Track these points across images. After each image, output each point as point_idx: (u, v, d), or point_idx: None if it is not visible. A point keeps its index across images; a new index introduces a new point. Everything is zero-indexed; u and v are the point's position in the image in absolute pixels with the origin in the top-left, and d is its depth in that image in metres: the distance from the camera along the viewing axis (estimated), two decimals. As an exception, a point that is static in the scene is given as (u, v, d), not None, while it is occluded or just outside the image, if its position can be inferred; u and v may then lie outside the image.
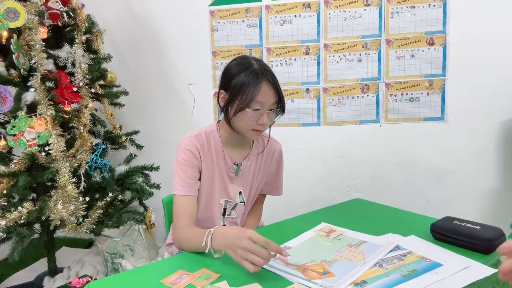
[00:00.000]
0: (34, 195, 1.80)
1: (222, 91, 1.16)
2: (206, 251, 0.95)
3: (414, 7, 2.13)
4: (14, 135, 1.63)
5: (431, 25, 2.14)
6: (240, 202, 1.29)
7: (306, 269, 0.88)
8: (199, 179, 1.20)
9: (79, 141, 1.81)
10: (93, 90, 1.94)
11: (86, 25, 1.90)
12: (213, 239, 0.94)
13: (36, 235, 1.85)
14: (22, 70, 1.66)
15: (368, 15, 2.18)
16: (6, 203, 1.69)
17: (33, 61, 1.67)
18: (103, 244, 2.10)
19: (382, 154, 2.28)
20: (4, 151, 1.70)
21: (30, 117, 1.65)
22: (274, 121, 1.18)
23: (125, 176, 2.00)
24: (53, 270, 2.06)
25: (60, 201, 1.67)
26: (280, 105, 1.15)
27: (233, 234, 0.90)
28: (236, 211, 1.30)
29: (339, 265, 0.89)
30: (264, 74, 1.10)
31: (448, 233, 1.01)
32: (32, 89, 1.66)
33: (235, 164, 1.25)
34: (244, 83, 1.09)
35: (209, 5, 2.32)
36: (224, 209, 1.27)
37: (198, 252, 1.00)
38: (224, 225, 1.28)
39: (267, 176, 1.38)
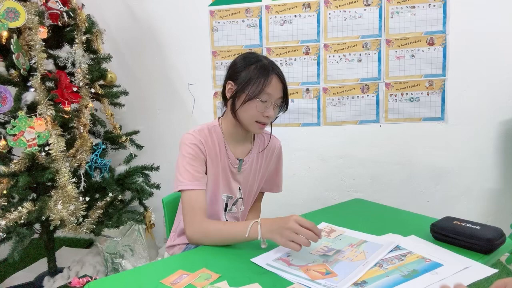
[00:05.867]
0: (34, 195, 1.80)
1: (230, 81, 1.17)
2: (259, 237, 0.98)
3: (414, 7, 2.13)
4: (14, 135, 1.63)
5: (431, 25, 2.13)
6: (240, 198, 1.30)
7: (308, 269, 0.88)
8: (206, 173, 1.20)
9: (79, 141, 1.81)
10: (93, 90, 1.94)
11: (86, 25, 1.90)
12: (262, 229, 0.97)
13: (36, 235, 1.85)
14: (22, 70, 1.66)
15: (368, 15, 2.18)
16: (6, 203, 1.69)
17: (33, 61, 1.67)
18: (103, 244, 2.10)
19: (382, 154, 2.28)
20: (4, 151, 1.70)
21: (30, 117, 1.65)
22: (277, 117, 1.21)
23: (125, 176, 2.00)
24: (53, 270, 2.06)
25: (60, 201, 1.67)
26: (285, 101, 1.18)
27: (280, 219, 0.96)
28: (236, 206, 1.30)
29: (341, 265, 0.89)
30: (273, 68, 1.14)
31: (448, 233, 1.01)
32: (32, 89, 1.66)
33: (237, 159, 1.25)
34: (254, 74, 1.12)
35: (209, 5, 2.32)
36: (226, 205, 1.28)
37: (198, 252, 1.01)
38: (226, 220, 1.29)
39: (267, 174, 1.38)
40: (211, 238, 1.05)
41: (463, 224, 1.02)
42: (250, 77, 1.12)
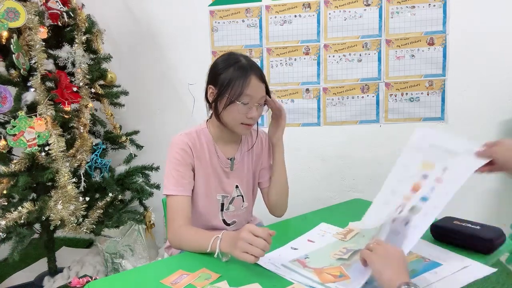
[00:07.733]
0: (34, 195, 1.80)
1: (210, 86, 1.17)
2: (215, 256, 0.95)
3: (414, 7, 2.13)
4: (14, 135, 1.62)
5: (431, 25, 2.13)
6: (237, 196, 1.30)
7: (322, 272, 0.87)
8: (194, 178, 1.20)
9: (79, 141, 1.81)
10: (93, 90, 1.94)
11: (86, 25, 1.90)
12: (221, 243, 0.95)
13: (36, 235, 1.85)
14: (22, 70, 1.66)
15: (368, 15, 2.18)
16: (6, 203, 1.69)
17: (33, 61, 1.67)
18: (103, 244, 2.10)
19: (382, 154, 2.28)
20: (4, 151, 1.70)
21: (30, 117, 1.65)
22: (262, 115, 1.21)
23: (125, 176, 2.00)
24: (53, 270, 2.06)
25: (60, 201, 1.67)
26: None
27: (236, 232, 0.93)
28: (234, 205, 1.30)
29: (356, 267, 0.86)
30: (252, 68, 1.13)
31: (448, 233, 1.01)
32: (32, 89, 1.66)
33: (228, 158, 1.25)
34: (233, 77, 1.11)
35: (209, 5, 2.32)
36: (222, 204, 1.27)
37: (198, 252, 1.01)
38: (224, 219, 1.29)
39: (262, 166, 1.36)
40: (184, 245, 1.06)
41: (463, 224, 1.02)
42: (229, 80, 1.11)
